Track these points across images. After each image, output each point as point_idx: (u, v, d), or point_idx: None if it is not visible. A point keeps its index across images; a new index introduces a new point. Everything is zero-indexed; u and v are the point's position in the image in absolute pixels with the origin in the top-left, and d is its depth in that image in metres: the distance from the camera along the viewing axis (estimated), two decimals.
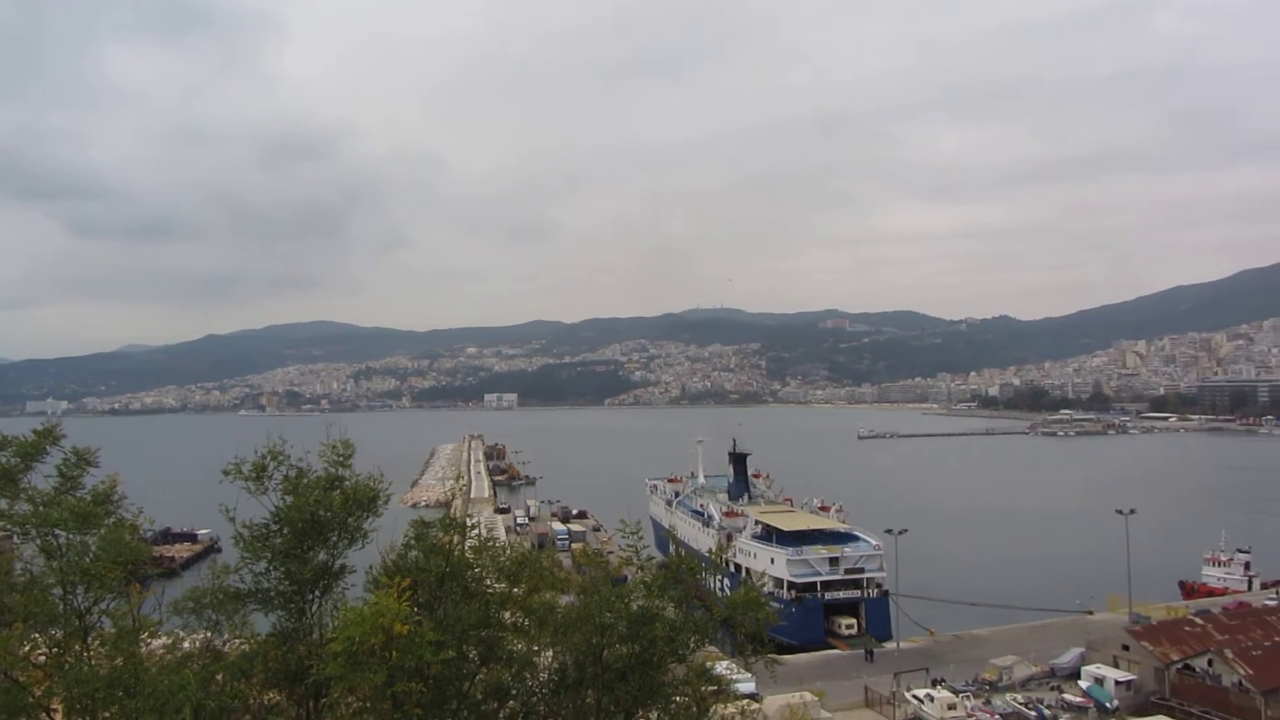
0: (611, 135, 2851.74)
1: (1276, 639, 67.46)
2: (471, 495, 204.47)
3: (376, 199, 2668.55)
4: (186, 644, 17.44)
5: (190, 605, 17.28)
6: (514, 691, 16.76)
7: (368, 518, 17.41)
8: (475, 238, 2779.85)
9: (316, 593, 17.02)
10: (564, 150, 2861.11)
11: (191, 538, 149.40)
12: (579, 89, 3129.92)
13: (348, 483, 17.46)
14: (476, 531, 18.44)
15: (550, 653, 17.13)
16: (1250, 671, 61.38)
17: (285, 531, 16.89)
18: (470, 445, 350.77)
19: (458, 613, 15.93)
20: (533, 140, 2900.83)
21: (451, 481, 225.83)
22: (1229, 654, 63.38)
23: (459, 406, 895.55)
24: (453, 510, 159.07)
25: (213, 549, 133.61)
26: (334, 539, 17.12)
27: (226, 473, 17.39)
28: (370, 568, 17.21)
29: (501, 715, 16.77)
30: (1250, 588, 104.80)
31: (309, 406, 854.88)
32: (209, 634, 17.48)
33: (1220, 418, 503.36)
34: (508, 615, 17.42)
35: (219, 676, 15.69)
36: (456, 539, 17.40)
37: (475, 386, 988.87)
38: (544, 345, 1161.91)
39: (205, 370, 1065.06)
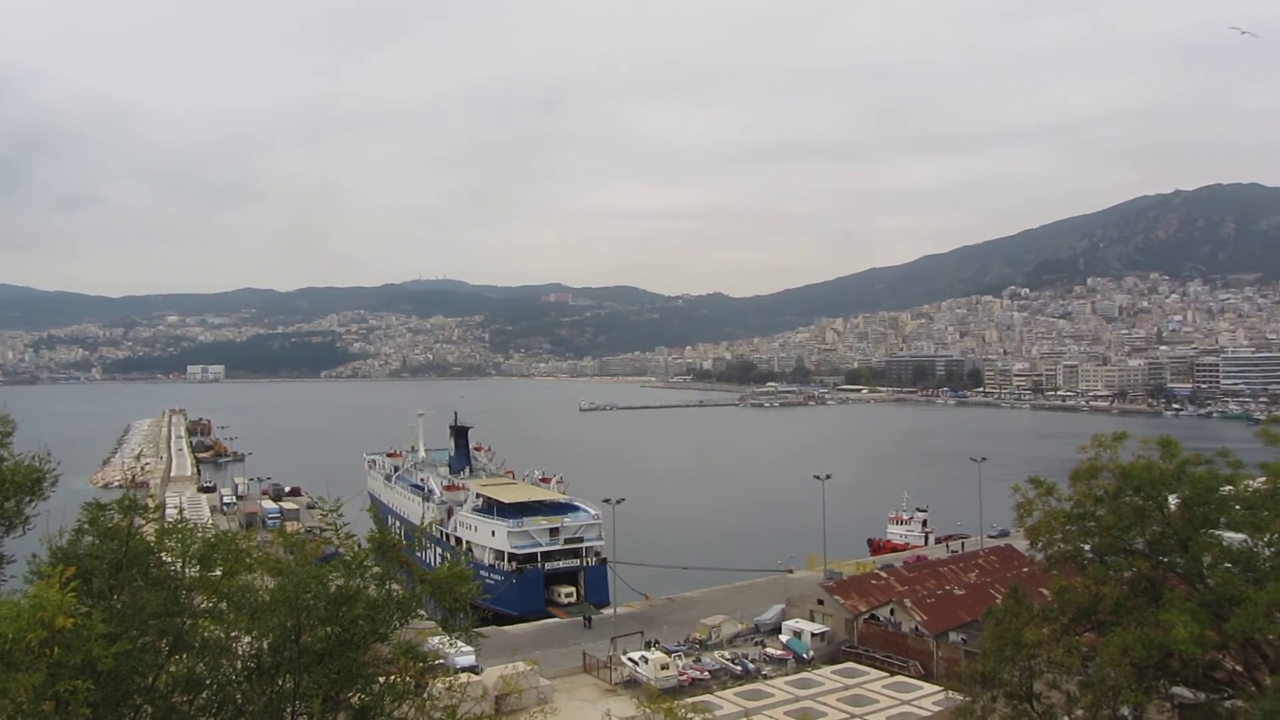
0: (323, 96, 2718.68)
1: (947, 588, 75.06)
2: (172, 474, 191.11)
3: (60, 150, 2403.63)
4: None
5: None
6: (208, 681, 15.65)
7: (30, 502, 15.64)
8: (177, 196, 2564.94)
9: None
10: (275, 109, 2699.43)
11: None
12: (290, 45, 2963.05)
13: (5, 463, 15.60)
14: (164, 512, 17.08)
15: (248, 638, 16.13)
16: (925, 617, 67.99)
17: None
18: (171, 420, 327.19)
19: (138, 601, 14.64)
20: (242, 97, 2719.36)
21: (150, 459, 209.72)
22: (908, 603, 69.87)
23: (158, 379, 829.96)
24: (151, 490, 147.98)
25: None
26: None
27: None
28: (33, 557, 15.49)
29: (194, 707, 15.62)
30: (927, 543, 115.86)
31: None
32: None
33: (904, 389, 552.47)
34: (201, 600, 16.23)
35: None
36: (138, 521, 15.97)
37: (177, 357, 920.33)
38: (254, 314, 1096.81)
39: None
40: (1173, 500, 33.47)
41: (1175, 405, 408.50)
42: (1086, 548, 34.61)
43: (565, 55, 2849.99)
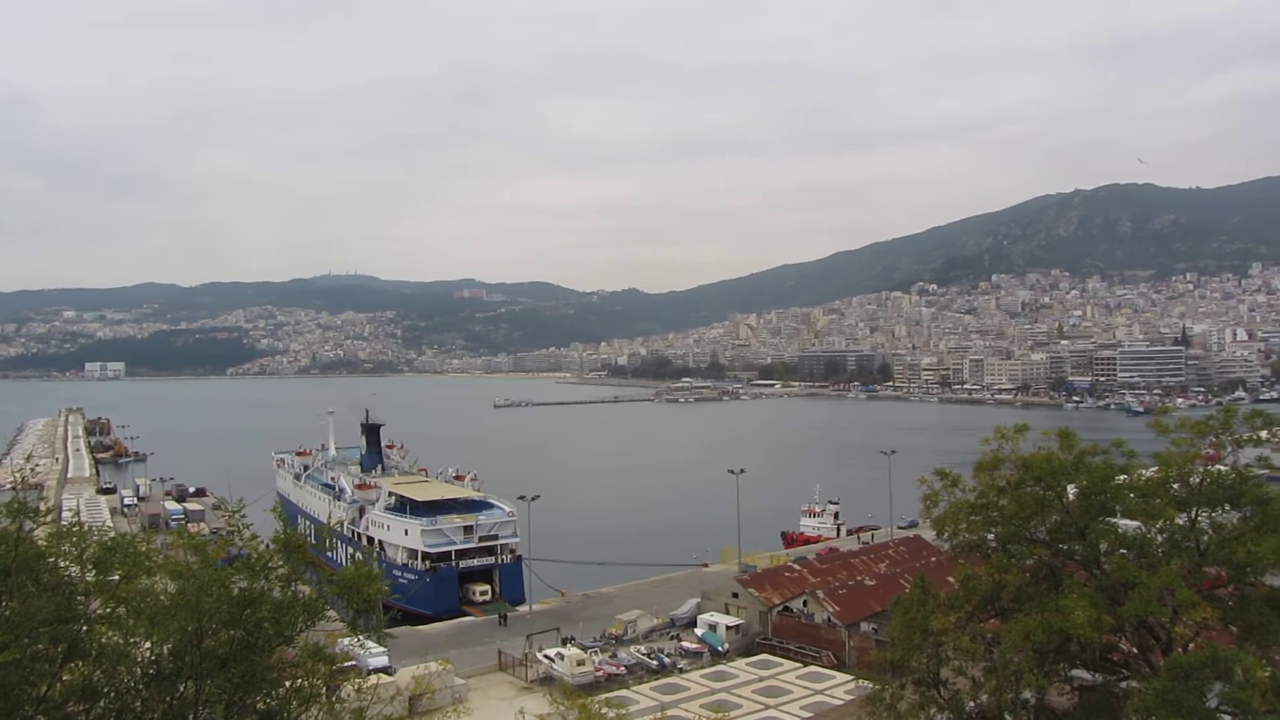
0: (228, 87, 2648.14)
1: (858, 578, 76.28)
2: (69, 475, 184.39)
3: None
4: None
5: None
6: (105, 689, 15.12)
7: None
8: (73, 188, 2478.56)
9: None
10: (180, 97, 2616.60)
11: None
12: (198, 30, 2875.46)
13: None
14: (59, 515, 16.41)
15: (147, 644, 15.63)
16: (837, 608, 68.98)
17: None
18: (68, 420, 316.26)
19: (28, 608, 14.08)
20: (140, 86, 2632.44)
21: (44, 460, 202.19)
22: (820, 594, 70.78)
23: (53, 377, 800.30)
24: (45, 493, 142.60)
25: None
26: None
27: None
28: None
29: (91, 716, 15.09)
30: (839, 534, 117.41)
31: None
32: None
33: (817, 384, 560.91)
34: (98, 605, 15.67)
35: None
36: (29, 525, 15.35)
37: (74, 354, 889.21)
38: (157, 310, 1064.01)
39: None
40: (1071, 490, 34.53)
41: (1075, 398, 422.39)
42: (990, 537, 35.51)
43: (480, 50, 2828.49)
